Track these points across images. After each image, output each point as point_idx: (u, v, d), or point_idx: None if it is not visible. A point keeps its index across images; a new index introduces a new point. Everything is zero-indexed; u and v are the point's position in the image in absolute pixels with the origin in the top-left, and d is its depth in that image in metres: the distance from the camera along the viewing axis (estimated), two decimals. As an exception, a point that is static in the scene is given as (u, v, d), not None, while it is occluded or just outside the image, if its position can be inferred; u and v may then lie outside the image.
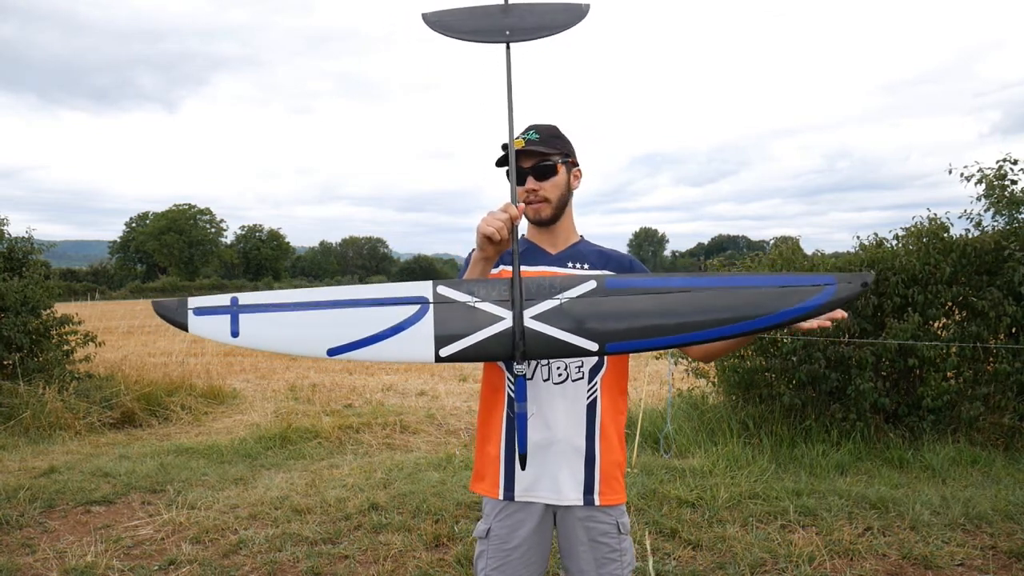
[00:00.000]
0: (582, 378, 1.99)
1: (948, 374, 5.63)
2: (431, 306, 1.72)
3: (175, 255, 77.29)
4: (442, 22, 1.89)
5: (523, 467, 1.68)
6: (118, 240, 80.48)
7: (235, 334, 1.74)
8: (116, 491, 4.98)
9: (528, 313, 1.69)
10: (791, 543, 3.87)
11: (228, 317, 1.75)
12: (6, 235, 8.25)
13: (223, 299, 1.76)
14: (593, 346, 1.67)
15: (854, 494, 4.58)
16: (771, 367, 5.86)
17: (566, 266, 2.05)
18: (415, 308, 1.73)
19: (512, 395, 1.99)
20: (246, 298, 1.76)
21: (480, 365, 2.07)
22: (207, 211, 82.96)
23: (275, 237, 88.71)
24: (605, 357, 2.00)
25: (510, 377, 2.00)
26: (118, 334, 9.79)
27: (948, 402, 5.50)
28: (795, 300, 1.66)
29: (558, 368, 1.98)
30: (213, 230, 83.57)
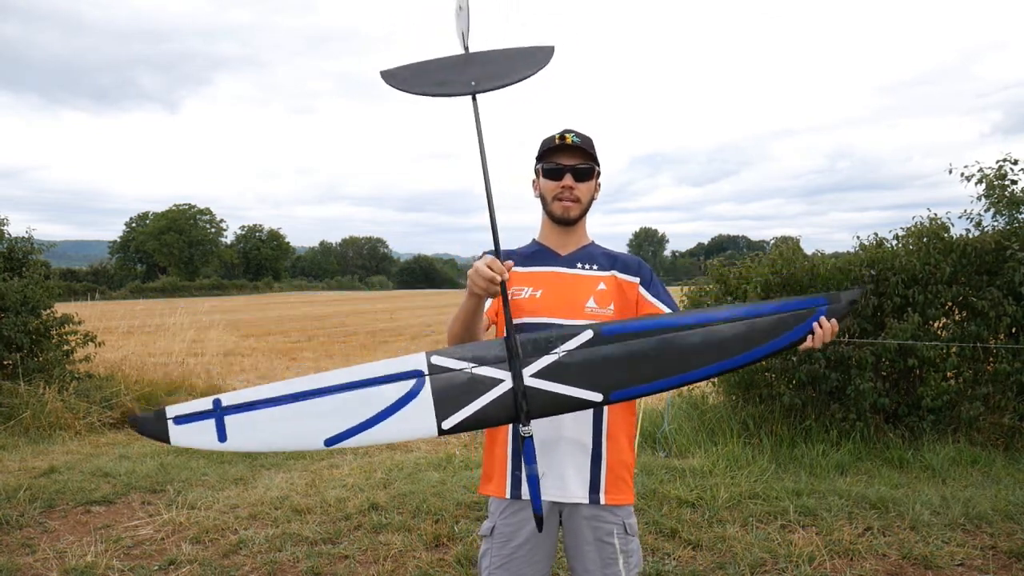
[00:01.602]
0: None
1: (948, 374, 5.63)
2: (427, 379, 1.70)
3: (175, 255, 77.30)
4: (403, 78, 1.87)
5: (539, 530, 1.66)
6: (118, 240, 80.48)
7: (223, 439, 1.66)
8: (116, 491, 4.98)
9: (527, 372, 1.68)
10: (791, 543, 3.87)
11: (212, 422, 1.67)
12: (6, 235, 8.25)
13: (204, 403, 1.68)
14: (597, 396, 1.68)
15: (854, 494, 4.58)
16: (771, 367, 5.86)
17: (575, 267, 2.08)
18: (411, 383, 1.70)
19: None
20: (229, 398, 1.68)
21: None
22: (207, 211, 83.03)
23: (275, 237, 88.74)
24: None
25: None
26: (118, 334, 9.78)
27: (948, 402, 5.50)
28: (792, 324, 1.70)
29: None
30: (213, 230, 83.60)
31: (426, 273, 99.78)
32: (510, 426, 2.01)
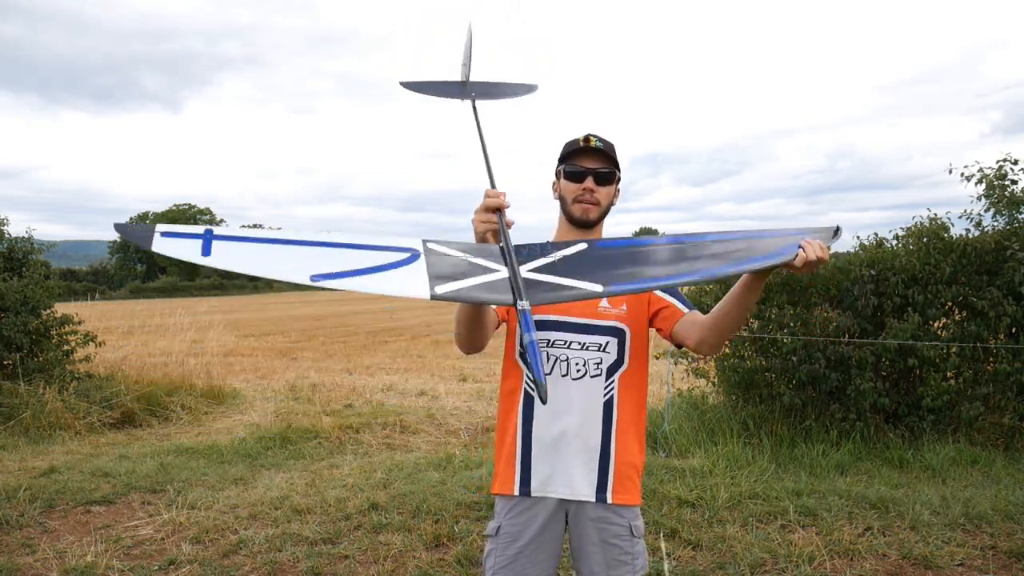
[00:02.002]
0: (600, 375, 2.00)
1: (948, 374, 5.63)
2: (422, 255, 1.70)
3: (175, 255, 77.25)
4: (416, 86, 2.51)
5: (543, 400, 1.54)
6: (118, 240, 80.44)
7: (206, 253, 1.64)
8: (116, 491, 4.98)
9: (524, 267, 1.68)
10: (791, 543, 3.88)
11: (200, 241, 1.66)
12: (6, 235, 8.24)
13: (196, 229, 1.69)
14: (596, 287, 1.65)
15: (854, 494, 4.58)
16: (771, 367, 5.86)
17: None
18: (406, 255, 1.70)
19: (528, 388, 2.03)
20: (222, 230, 1.70)
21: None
22: (207, 211, 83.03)
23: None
24: (625, 356, 2.03)
25: (528, 376, 2.03)
26: (118, 334, 9.78)
27: (948, 402, 5.50)
28: (788, 243, 1.75)
29: (576, 364, 1.99)
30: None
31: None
32: (520, 425, 2.01)
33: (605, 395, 2.01)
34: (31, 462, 5.73)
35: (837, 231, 1.74)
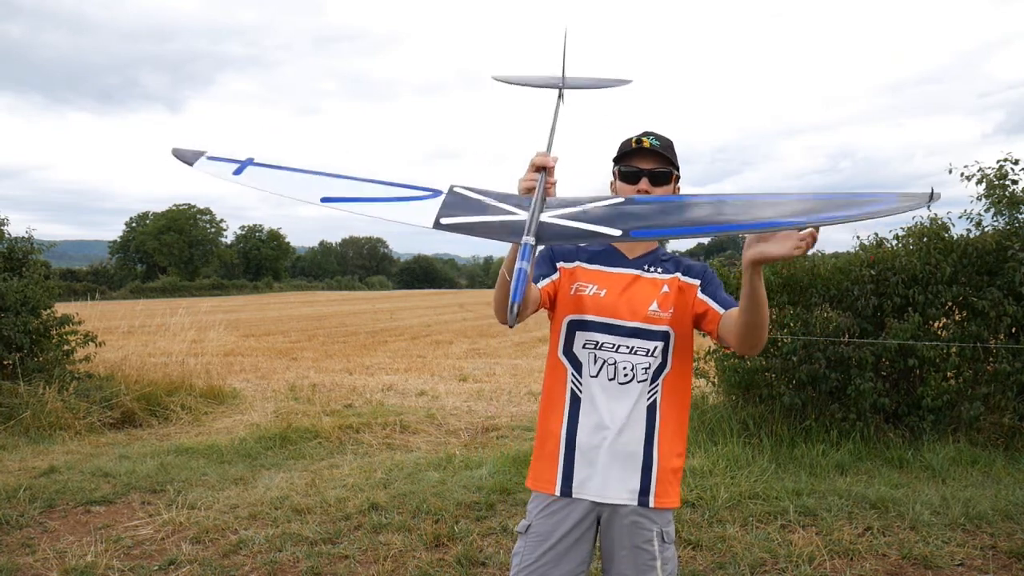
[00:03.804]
0: (646, 379, 1.99)
1: (948, 374, 5.63)
2: (443, 194, 1.72)
3: (175, 255, 77.29)
4: (508, 79, 2.61)
5: (510, 324, 1.48)
6: (118, 240, 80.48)
7: (238, 172, 1.78)
8: (116, 491, 4.98)
9: (547, 213, 1.62)
10: (791, 543, 3.87)
11: (237, 165, 1.81)
12: (6, 235, 8.24)
13: (240, 155, 1.83)
14: (615, 231, 1.57)
15: (854, 494, 4.58)
16: (771, 367, 5.86)
17: (642, 269, 2.09)
18: (427, 193, 1.72)
19: (575, 388, 2.02)
20: (263, 159, 1.82)
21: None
22: (207, 211, 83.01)
23: (275, 237, 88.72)
24: (670, 359, 2.02)
25: (573, 372, 2.02)
26: (118, 334, 9.77)
27: (948, 402, 5.50)
28: (834, 208, 1.51)
29: (624, 368, 1.99)
30: (213, 230, 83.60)
31: (426, 273, 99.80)
32: (565, 426, 2.01)
33: (649, 399, 2.00)
34: (31, 462, 5.73)
35: (932, 195, 1.45)
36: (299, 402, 8.23)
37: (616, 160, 2.10)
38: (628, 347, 1.99)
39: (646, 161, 2.05)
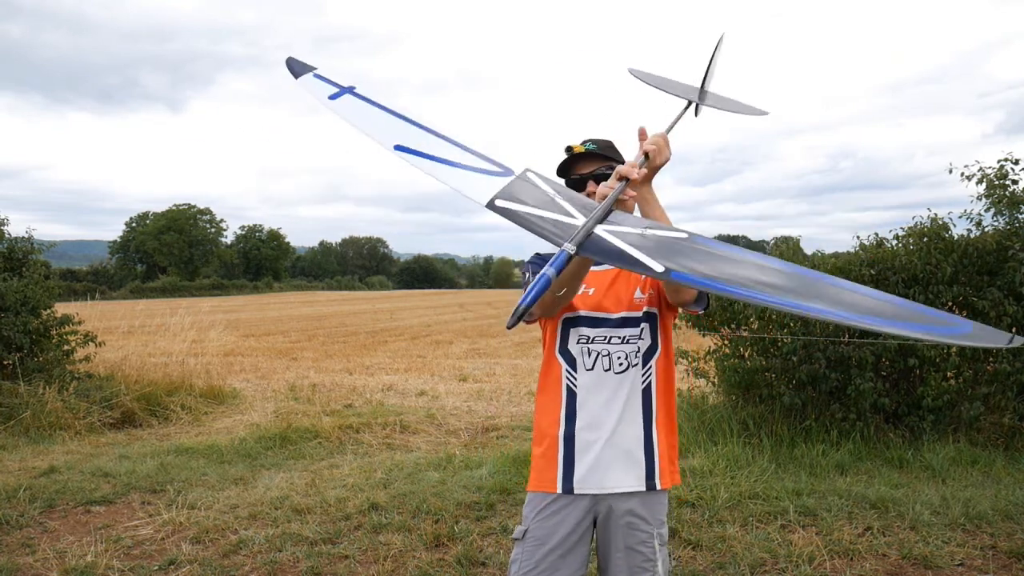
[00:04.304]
0: (638, 363, 2.04)
1: (948, 374, 5.63)
2: (514, 176, 1.70)
3: (175, 255, 77.29)
4: (647, 77, 2.43)
5: (511, 324, 1.43)
6: (118, 240, 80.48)
7: (333, 97, 1.83)
8: (116, 491, 4.98)
9: (603, 227, 1.54)
10: (791, 543, 3.87)
11: (335, 89, 1.86)
12: (6, 235, 8.24)
13: (343, 83, 1.89)
14: (659, 267, 1.43)
15: (854, 494, 4.58)
16: (771, 367, 5.86)
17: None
18: (499, 169, 1.73)
19: (570, 384, 2.04)
20: (365, 91, 1.86)
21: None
22: (207, 211, 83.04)
23: (275, 237, 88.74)
24: (659, 340, 2.06)
25: (568, 368, 2.05)
26: (118, 334, 9.76)
27: (948, 402, 5.50)
28: (901, 318, 1.32)
29: (618, 357, 2.02)
30: (213, 230, 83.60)
31: (426, 273, 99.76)
32: (562, 422, 2.03)
33: (644, 383, 2.04)
34: (31, 462, 5.73)
35: (1012, 339, 1.22)
36: (299, 402, 8.23)
37: (559, 174, 2.14)
38: (619, 337, 2.03)
39: (586, 165, 2.09)
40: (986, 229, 6.04)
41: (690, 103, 2.31)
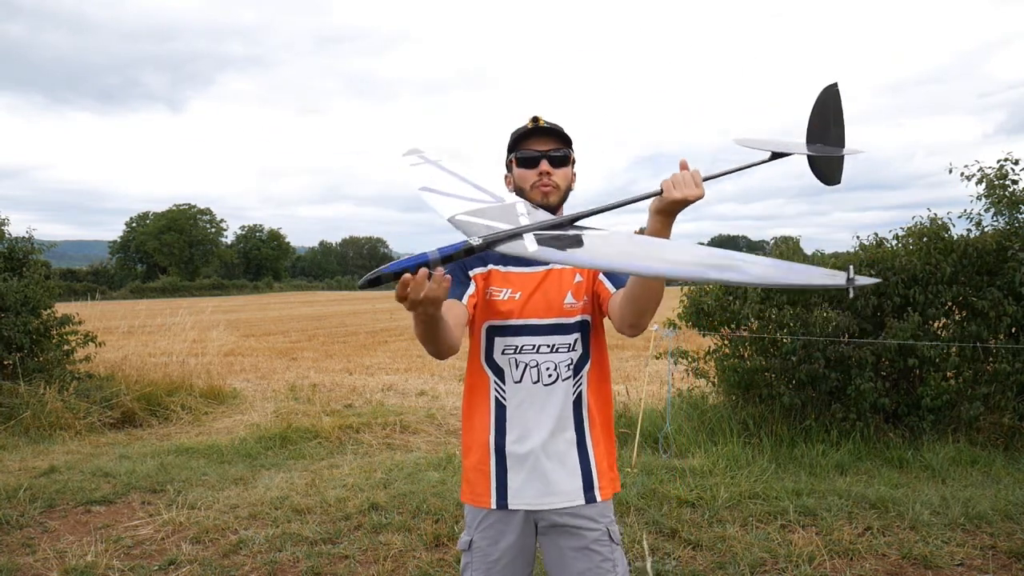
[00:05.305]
0: (570, 376, 1.95)
1: (948, 374, 5.63)
2: (502, 201, 1.81)
3: (175, 255, 77.30)
4: (752, 141, 2.08)
5: (361, 283, 1.46)
6: (118, 240, 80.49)
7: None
8: (116, 491, 4.98)
9: (532, 235, 1.56)
10: (791, 543, 3.87)
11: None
12: (6, 235, 8.25)
13: (432, 155, 2.09)
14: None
15: (854, 494, 4.58)
16: (771, 367, 5.86)
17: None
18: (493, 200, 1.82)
19: (499, 396, 1.97)
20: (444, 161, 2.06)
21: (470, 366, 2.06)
22: (207, 211, 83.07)
23: (275, 237, 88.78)
24: (590, 350, 1.98)
25: (496, 380, 1.98)
26: (118, 334, 9.77)
27: (948, 402, 5.50)
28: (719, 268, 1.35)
29: (547, 368, 1.94)
30: (213, 230, 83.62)
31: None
32: (492, 435, 1.97)
33: (574, 394, 1.96)
34: (31, 462, 5.73)
35: (850, 281, 1.20)
36: (299, 402, 8.23)
37: (510, 148, 2.01)
38: (548, 345, 1.93)
39: (543, 143, 1.97)
40: (986, 229, 6.04)
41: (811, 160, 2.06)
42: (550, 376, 1.94)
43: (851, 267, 1.24)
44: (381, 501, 4.64)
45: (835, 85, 2.02)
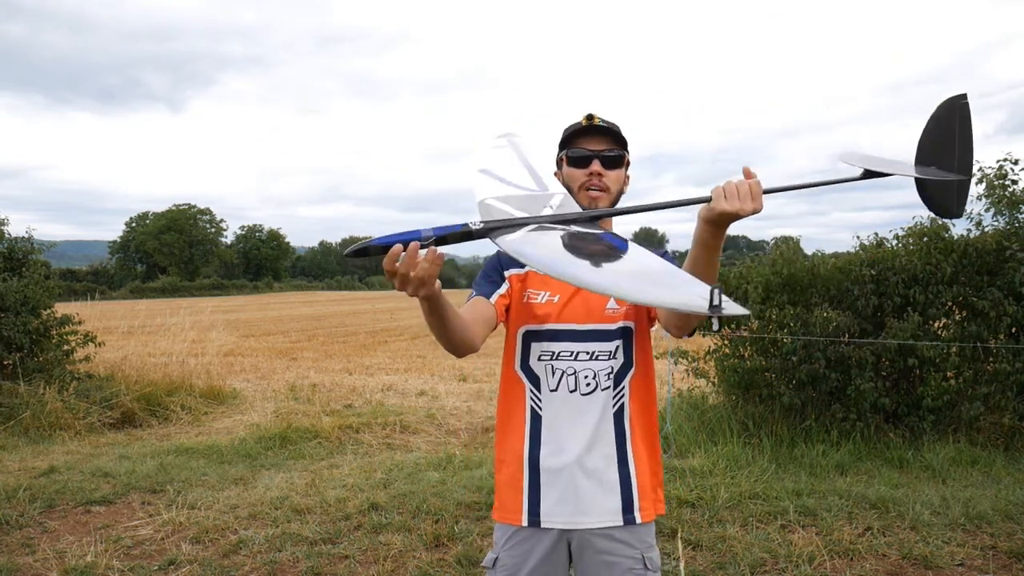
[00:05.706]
0: (610, 385, 1.83)
1: (948, 374, 5.63)
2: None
3: (175, 255, 77.27)
4: (860, 159, 1.89)
5: (348, 251, 1.38)
6: (118, 240, 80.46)
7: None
8: (116, 491, 4.98)
9: (536, 223, 1.52)
10: (791, 543, 3.87)
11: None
12: (6, 235, 8.25)
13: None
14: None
15: (854, 494, 4.58)
16: (771, 367, 5.86)
17: None
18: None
19: (534, 405, 1.85)
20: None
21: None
22: (207, 211, 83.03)
23: (275, 237, 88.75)
24: (633, 358, 1.85)
25: (531, 388, 1.86)
26: (118, 334, 9.77)
27: (948, 402, 5.50)
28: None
29: (586, 376, 1.81)
30: (213, 230, 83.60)
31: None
32: (526, 448, 1.85)
33: (615, 406, 1.83)
34: (31, 462, 5.73)
35: (714, 309, 1.17)
36: (299, 402, 8.23)
37: (563, 144, 1.91)
38: (587, 352, 1.82)
39: (597, 142, 1.86)
40: (986, 229, 6.05)
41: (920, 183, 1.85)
42: (588, 385, 1.81)
43: (716, 290, 1.13)
44: (381, 501, 4.64)
45: (963, 96, 1.71)
